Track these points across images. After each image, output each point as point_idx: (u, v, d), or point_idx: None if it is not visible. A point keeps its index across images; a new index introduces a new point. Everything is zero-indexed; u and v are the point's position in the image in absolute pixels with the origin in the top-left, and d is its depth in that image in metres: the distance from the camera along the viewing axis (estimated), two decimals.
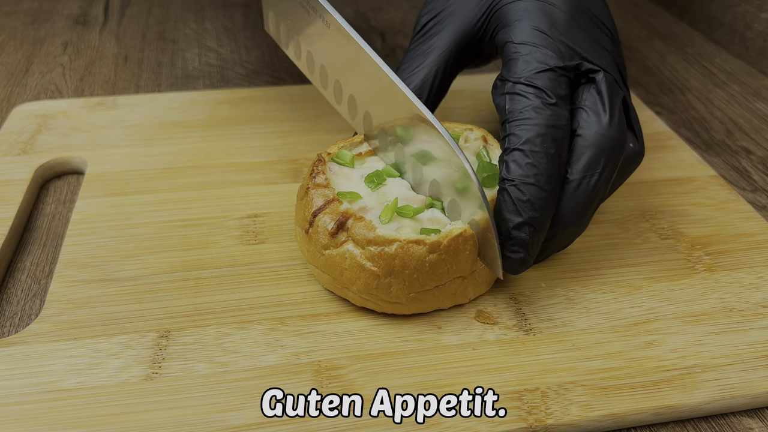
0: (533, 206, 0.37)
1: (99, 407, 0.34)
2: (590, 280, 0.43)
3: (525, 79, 0.40)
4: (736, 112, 0.64)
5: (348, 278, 0.38)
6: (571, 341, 0.38)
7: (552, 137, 0.38)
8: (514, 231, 0.37)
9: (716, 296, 0.42)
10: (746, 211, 0.49)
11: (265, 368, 0.36)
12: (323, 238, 0.38)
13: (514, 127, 0.39)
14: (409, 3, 0.87)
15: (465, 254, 0.38)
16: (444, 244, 0.37)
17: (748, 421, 0.36)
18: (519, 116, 0.39)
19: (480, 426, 0.34)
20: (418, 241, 0.37)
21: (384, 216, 0.38)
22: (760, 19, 0.72)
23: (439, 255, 0.37)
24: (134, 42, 0.75)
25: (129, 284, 0.41)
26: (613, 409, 0.35)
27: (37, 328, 0.38)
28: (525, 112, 0.39)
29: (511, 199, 0.37)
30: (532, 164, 0.38)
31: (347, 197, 0.40)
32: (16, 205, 0.47)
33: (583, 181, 0.39)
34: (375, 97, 0.43)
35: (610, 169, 0.40)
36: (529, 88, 0.40)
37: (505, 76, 0.41)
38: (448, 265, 0.37)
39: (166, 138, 0.55)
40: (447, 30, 0.46)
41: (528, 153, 0.38)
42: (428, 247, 0.37)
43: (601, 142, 0.39)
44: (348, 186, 0.41)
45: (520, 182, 0.37)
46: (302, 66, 0.49)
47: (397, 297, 0.38)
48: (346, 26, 0.42)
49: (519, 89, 0.40)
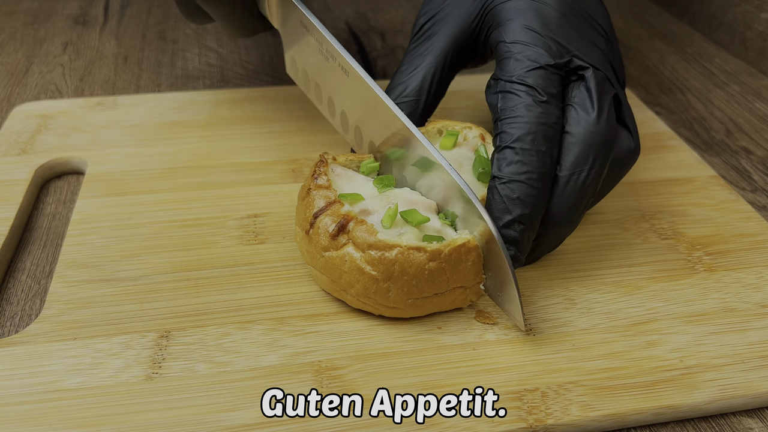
0: (523, 204, 0.37)
1: (99, 407, 0.34)
2: (590, 280, 0.43)
3: (517, 78, 0.40)
4: (736, 112, 0.64)
5: (347, 281, 0.38)
6: (572, 341, 0.38)
7: (543, 135, 0.38)
8: (504, 229, 0.37)
9: (716, 296, 0.42)
10: (746, 211, 0.49)
11: (266, 368, 0.36)
12: (324, 240, 0.38)
13: (505, 125, 0.39)
14: (409, 3, 0.87)
15: (467, 265, 0.37)
16: (445, 252, 0.37)
17: (748, 421, 0.36)
18: (510, 114, 0.39)
19: (480, 426, 0.34)
20: (419, 248, 0.36)
21: (385, 222, 0.38)
22: (760, 19, 0.72)
23: (439, 263, 0.37)
24: (134, 42, 0.75)
25: (129, 284, 0.41)
26: (613, 409, 0.35)
27: (37, 328, 0.38)
28: (516, 109, 0.39)
29: (501, 197, 0.38)
30: (522, 162, 0.38)
31: (348, 199, 0.39)
32: (16, 205, 0.47)
33: (572, 178, 0.39)
34: (395, 145, 0.43)
35: (599, 165, 0.40)
36: (520, 87, 0.40)
37: (498, 75, 0.41)
38: (448, 275, 0.37)
39: (166, 138, 0.55)
40: (444, 31, 0.46)
41: (519, 151, 0.38)
42: (429, 254, 0.37)
43: (589, 138, 0.39)
44: (350, 188, 0.41)
45: (510, 180, 0.38)
46: (323, 110, 0.50)
47: (395, 302, 0.38)
48: (362, 74, 0.43)
49: (511, 87, 0.40)
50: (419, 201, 0.40)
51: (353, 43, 0.76)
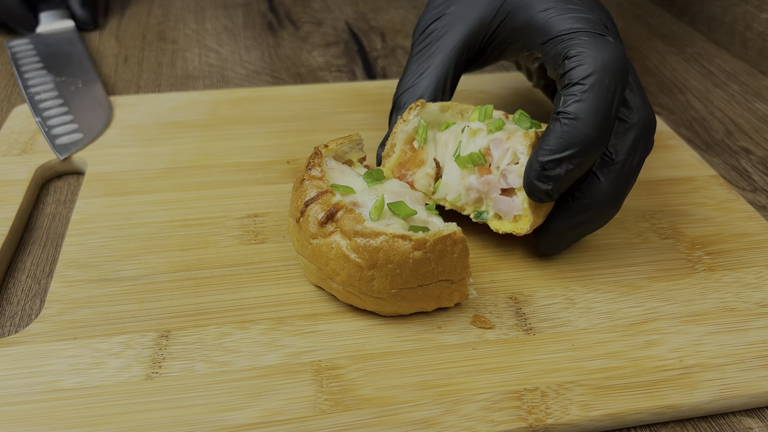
0: (579, 144, 0.37)
1: (99, 407, 0.34)
2: (590, 279, 0.43)
3: (569, 29, 0.40)
4: (736, 112, 0.64)
5: (332, 269, 0.38)
6: (571, 341, 0.38)
7: (613, 75, 0.38)
8: (550, 164, 0.37)
9: (716, 296, 0.42)
10: (746, 211, 0.49)
11: (265, 368, 0.36)
12: (312, 227, 0.38)
13: (574, 62, 0.39)
14: (409, 3, 0.87)
15: (453, 257, 0.37)
16: (430, 242, 0.37)
17: (747, 420, 0.36)
18: (579, 52, 0.39)
19: (480, 426, 0.34)
20: (404, 237, 0.37)
21: (373, 213, 0.38)
22: (760, 19, 0.72)
23: (424, 253, 0.37)
24: (134, 42, 0.75)
25: (129, 284, 0.41)
26: (612, 408, 0.35)
27: (37, 328, 0.38)
28: (585, 48, 0.38)
29: (560, 130, 0.37)
30: (589, 101, 0.37)
31: (340, 190, 0.40)
32: (16, 205, 0.47)
33: (626, 163, 0.40)
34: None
35: (647, 148, 0.40)
36: (582, 34, 0.39)
37: (546, 39, 0.41)
38: (433, 265, 0.37)
39: (166, 138, 0.55)
40: (455, 30, 0.45)
41: (588, 88, 0.37)
42: (414, 243, 0.37)
43: (641, 123, 0.40)
44: (343, 181, 0.41)
45: (574, 117, 0.37)
46: None
47: (379, 291, 0.37)
48: None
49: (570, 36, 0.39)
50: (407, 193, 0.40)
51: (353, 43, 0.76)
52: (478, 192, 0.42)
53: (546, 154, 0.38)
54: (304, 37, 0.78)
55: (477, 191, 0.42)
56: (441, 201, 0.44)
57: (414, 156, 0.44)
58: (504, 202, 0.41)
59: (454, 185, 0.43)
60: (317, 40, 0.77)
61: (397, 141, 0.45)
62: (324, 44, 0.76)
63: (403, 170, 0.45)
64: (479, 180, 0.42)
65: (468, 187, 0.42)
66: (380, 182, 0.41)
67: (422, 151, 0.44)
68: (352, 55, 0.73)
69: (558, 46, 0.40)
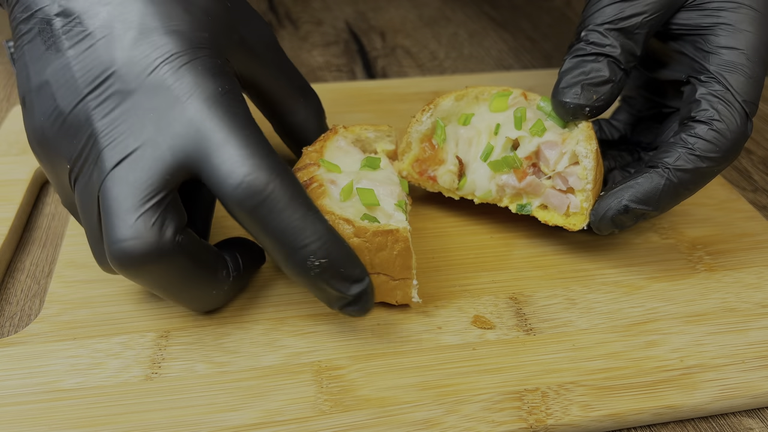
0: (667, 205, 0.40)
1: (99, 407, 0.34)
2: (590, 280, 0.43)
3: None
4: None
5: None
6: (572, 341, 0.38)
7: (733, 156, 0.39)
8: (634, 212, 0.40)
9: (717, 296, 0.42)
10: (747, 211, 0.49)
11: (265, 368, 0.36)
12: None
13: (710, 129, 0.38)
14: (409, 2, 0.87)
15: (392, 254, 0.38)
16: (370, 232, 0.37)
17: (748, 421, 0.36)
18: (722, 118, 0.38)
19: (480, 426, 0.34)
20: (349, 221, 0.37)
21: (341, 195, 0.39)
22: None
23: (362, 241, 0.37)
24: None
25: (129, 284, 0.41)
26: (613, 409, 0.35)
27: (36, 328, 0.38)
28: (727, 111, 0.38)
29: (659, 187, 0.39)
30: (701, 176, 0.39)
31: (326, 165, 0.41)
32: (16, 205, 0.47)
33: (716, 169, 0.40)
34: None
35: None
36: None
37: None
38: (369, 255, 0.37)
39: None
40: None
41: (708, 169, 0.39)
42: (355, 229, 0.37)
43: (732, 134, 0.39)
44: (342, 161, 0.42)
45: (678, 183, 0.39)
46: None
47: None
48: None
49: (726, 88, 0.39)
50: (388, 186, 0.41)
51: (353, 43, 0.76)
52: (516, 189, 0.42)
53: (635, 203, 0.39)
54: (304, 36, 0.77)
55: (514, 188, 0.42)
56: (468, 195, 0.44)
57: (434, 154, 0.45)
58: (557, 197, 0.41)
59: (482, 183, 0.43)
60: (317, 40, 0.77)
61: (413, 140, 0.45)
62: (324, 44, 0.76)
63: (423, 166, 0.45)
64: (521, 182, 0.42)
65: (502, 185, 0.42)
66: (373, 169, 0.42)
67: (442, 150, 0.45)
68: (352, 55, 0.73)
69: (713, 84, 0.39)
